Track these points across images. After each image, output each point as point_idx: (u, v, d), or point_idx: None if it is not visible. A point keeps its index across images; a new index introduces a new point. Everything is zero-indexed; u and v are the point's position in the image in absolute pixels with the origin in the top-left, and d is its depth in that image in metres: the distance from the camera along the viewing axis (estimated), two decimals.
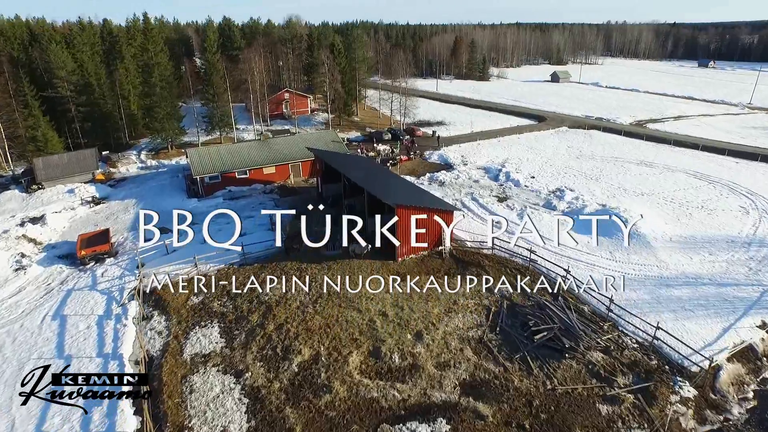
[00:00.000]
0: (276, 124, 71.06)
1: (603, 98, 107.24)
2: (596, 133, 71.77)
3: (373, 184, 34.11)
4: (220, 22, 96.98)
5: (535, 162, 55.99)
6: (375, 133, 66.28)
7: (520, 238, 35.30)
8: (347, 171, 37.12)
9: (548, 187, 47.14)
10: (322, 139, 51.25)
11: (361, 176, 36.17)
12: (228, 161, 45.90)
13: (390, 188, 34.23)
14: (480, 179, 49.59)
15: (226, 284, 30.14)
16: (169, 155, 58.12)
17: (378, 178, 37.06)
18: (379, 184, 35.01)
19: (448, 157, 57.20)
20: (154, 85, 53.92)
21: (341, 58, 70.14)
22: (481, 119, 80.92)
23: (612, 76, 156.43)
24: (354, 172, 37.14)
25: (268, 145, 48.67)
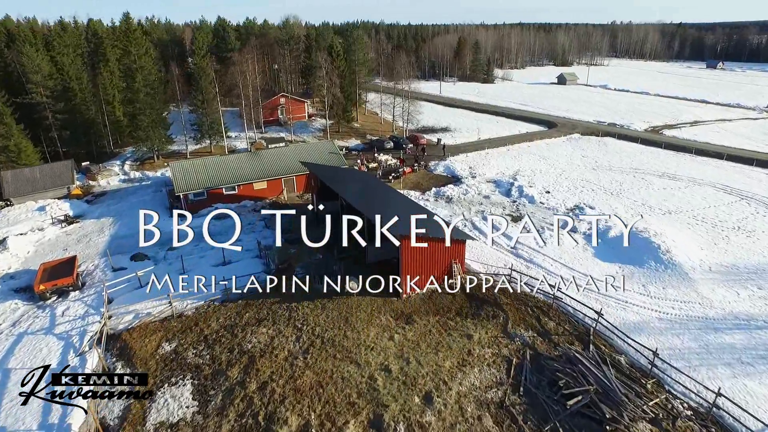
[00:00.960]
0: (271, 131, 66.98)
1: (613, 102, 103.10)
2: (611, 140, 67.63)
3: (374, 208, 30.00)
4: (215, 22, 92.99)
5: (548, 174, 51.87)
6: (376, 141, 62.18)
7: (536, 265, 31.41)
8: (344, 191, 33.08)
9: (566, 204, 43.08)
10: (318, 150, 47.18)
11: (360, 198, 32.10)
12: (215, 176, 41.84)
13: (392, 213, 30.10)
14: (491, 195, 45.47)
15: (204, 328, 26.06)
16: (154, 166, 54.09)
17: (379, 200, 32.95)
18: (380, 207, 30.89)
19: (455, 168, 53.08)
20: (137, 91, 49.88)
21: (340, 61, 66.05)
22: (488, 125, 76.78)
23: (619, 77, 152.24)
24: (352, 193, 33.08)
25: (259, 157, 44.60)
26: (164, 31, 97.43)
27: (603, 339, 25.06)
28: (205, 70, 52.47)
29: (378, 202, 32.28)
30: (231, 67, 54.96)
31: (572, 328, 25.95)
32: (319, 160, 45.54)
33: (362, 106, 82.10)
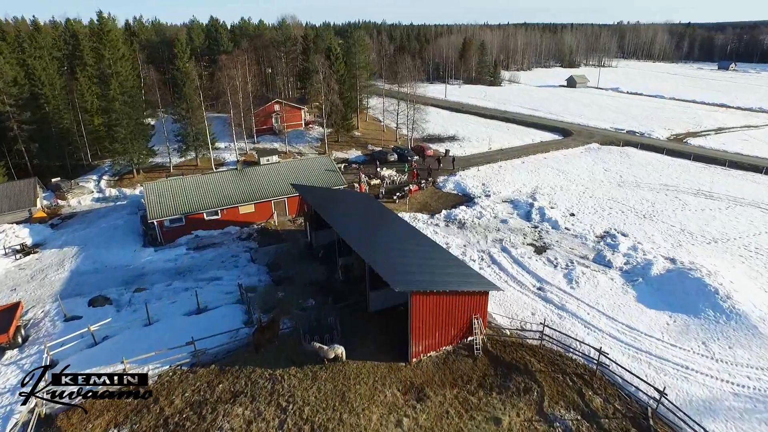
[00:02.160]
0: (264, 140, 61.75)
1: (627, 106, 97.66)
2: (633, 151, 62.24)
3: (375, 248, 24.74)
4: (207, 22, 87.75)
5: (570, 192, 46.56)
6: (378, 153, 56.89)
7: (569, 314, 26.11)
8: (339, 223, 27.84)
9: (594, 231, 37.78)
10: (313, 167, 41.95)
11: (359, 233, 26.83)
12: (194, 199, 36.66)
13: (399, 254, 24.84)
14: (508, 218, 40.17)
15: (166, 405, 20.83)
16: (134, 182, 48.94)
17: (381, 234, 27.68)
18: (383, 245, 25.65)
19: (466, 185, 47.78)
20: (112, 99, 44.70)
21: (339, 64, 60.77)
22: (498, 133, 71.44)
23: (630, 80, 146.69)
24: (348, 227, 27.82)
25: (245, 176, 39.39)
26: (153, 32, 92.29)
27: (666, 424, 19.80)
28: (189, 75, 47.27)
29: (380, 239, 27.02)
30: (217, 72, 49.54)
31: (624, 407, 20.68)
32: (314, 179, 40.35)
33: (364, 112, 76.87)
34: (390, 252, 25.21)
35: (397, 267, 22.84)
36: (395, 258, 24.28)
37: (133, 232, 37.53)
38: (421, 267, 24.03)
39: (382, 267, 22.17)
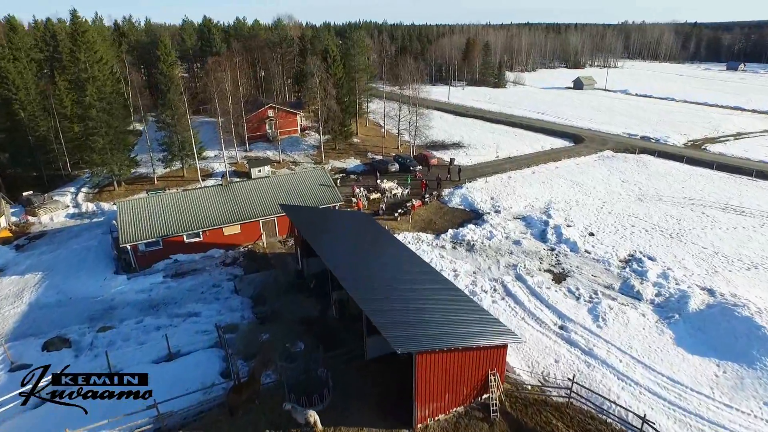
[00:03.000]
0: (257, 148, 58.00)
1: (638, 109, 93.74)
2: (649, 159, 58.37)
3: (372, 293, 20.92)
4: (200, 22, 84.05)
5: (587, 207, 42.76)
6: (378, 163, 53.09)
7: (599, 361, 22.25)
8: (330, 253, 24.09)
9: (618, 254, 33.97)
10: (306, 181, 38.19)
11: (352, 270, 23.00)
12: (173, 220, 32.93)
13: (399, 299, 21.02)
14: (521, 239, 36.35)
15: None
16: (114, 195, 45.25)
17: (378, 271, 23.86)
18: (381, 288, 21.82)
19: (474, 199, 43.97)
20: (89, 107, 40.99)
21: (337, 67, 56.97)
22: (505, 139, 67.60)
23: (638, 81, 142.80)
24: (340, 258, 24.03)
25: (231, 192, 35.64)
26: (143, 33, 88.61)
27: None
28: (173, 80, 43.51)
29: (378, 274, 23.24)
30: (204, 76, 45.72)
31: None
32: (307, 195, 36.61)
33: (363, 116, 73.07)
34: (390, 291, 21.43)
35: (397, 316, 19.05)
36: (396, 301, 20.51)
37: (106, 255, 33.81)
38: (427, 313, 20.26)
39: (380, 317, 18.40)
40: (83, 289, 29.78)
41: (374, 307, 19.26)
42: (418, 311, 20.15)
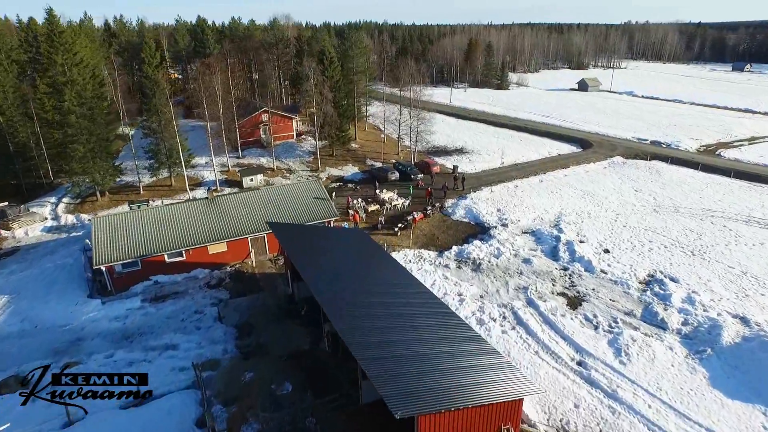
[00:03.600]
0: (249, 155, 55.27)
1: (646, 112, 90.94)
2: (662, 166, 55.62)
3: (368, 336, 18.19)
4: (195, 22, 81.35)
5: (600, 220, 40.05)
6: (377, 171, 50.39)
7: (624, 406, 19.50)
8: (320, 284, 21.39)
9: (637, 274, 31.26)
10: (299, 193, 35.48)
11: (344, 304, 20.24)
12: (154, 237, 30.25)
13: (398, 345, 18.28)
14: (532, 257, 33.63)
15: None
16: (96, 206, 42.62)
17: (374, 305, 21.09)
18: (378, 328, 19.08)
19: (479, 211, 41.26)
20: (67, 112, 38.33)
21: (334, 69, 54.24)
22: (510, 144, 64.88)
23: (643, 82, 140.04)
24: (331, 289, 21.28)
25: (217, 207, 32.94)
26: (135, 33, 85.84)
27: None
28: (159, 84, 40.81)
29: (374, 310, 20.47)
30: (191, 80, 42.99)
31: None
32: (299, 209, 33.93)
33: (363, 120, 70.38)
34: (387, 332, 18.71)
35: (395, 366, 16.38)
36: (394, 345, 17.80)
37: (80, 276, 31.13)
38: (431, 359, 17.55)
39: (376, 369, 15.77)
40: (51, 315, 27.12)
41: (369, 355, 16.60)
42: (420, 358, 17.44)
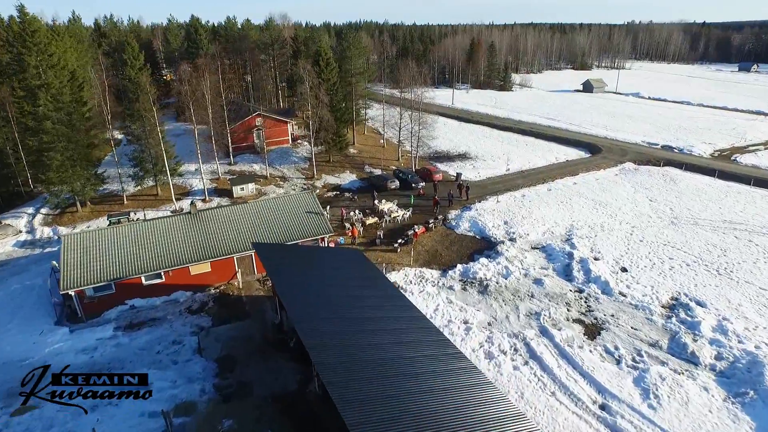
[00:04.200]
0: (242, 161, 52.55)
1: (655, 115, 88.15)
2: (676, 173, 52.86)
3: (356, 392, 15.43)
4: (188, 21, 78.64)
5: (615, 234, 37.31)
6: (376, 179, 47.70)
7: None
8: (306, 319, 18.64)
9: (659, 297, 28.52)
10: (290, 207, 32.73)
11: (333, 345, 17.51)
12: (130, 257, 27.55)
13: (394, 401, 15.52)
14: (543, 276, 30.88)
15: None
16: (77, 217, 40.00)
17: (367, 346, 18.32)
18: (374, 377, 16.34)
19: (485, 224, 38.52)
20: (43, 118, 35.67)
21: (330, 71, 51.52)
22: (516, 149, 62.14)
23: (649, 83, 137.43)
24: (319, 325, 18.52)
25: (201, 223, 30.23)
26: (126, 33, 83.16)
27: None
28: (142, 87, 38.12)
29: (366, 353, 17.72)
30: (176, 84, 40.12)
31: None
32: (291, 225, 31.21)
33: (362, 123, 67.69)
34: (380, 382, 15.97)
35: (390, 428, 13.63)
36: (389, 401, 15.06)
37: (47, 301, 28.39)
38: (434, 419, 14.80)
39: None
40: (11, 347, 24.43)
41: (358, 417, 13.85)
42: (421, 418, 14.68)
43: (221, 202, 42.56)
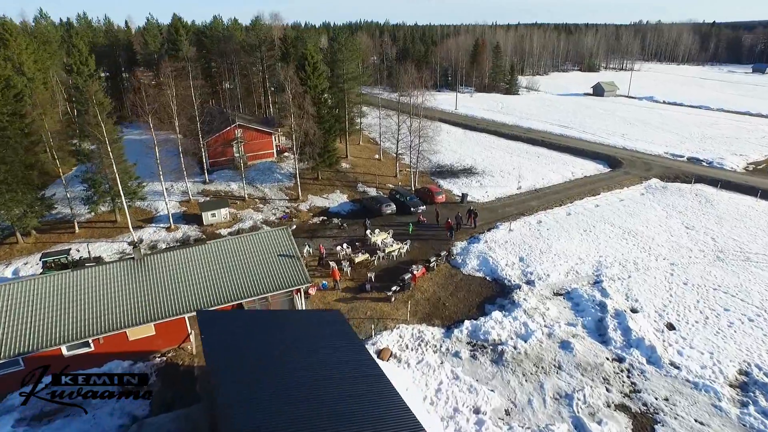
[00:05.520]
0: (218, 178, 46.53)
1: (673, 121, 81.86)
2: (711, 192, 46.66)
3: None
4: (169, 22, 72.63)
5: (652, 273, 31.18)
6: (370, 201, 41.65)
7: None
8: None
9: (723, 370, 22.44)
10: (259, 249, 26.62)
11: None
12: (45, 323, 21.58)
13: None
14: (571, 338, 24.78)
15: None
16: (16, 250, 34.09)
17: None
18: None
19: (496, 261, 32.41)
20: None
21: (318, 78, 45.36)
22: (527, 162, 56.03)
23: (662, 85, 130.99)
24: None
25: (145, 271, 24.22)
26: (102, 34, 77.12)
27: None
28: (92, 98, 32.02)
29: None
30: (131, 94, 33.92)
31: None
32: (258, 273, 25.14)
33: (356, 132, 61.64)
34: None
35: None
36: None
37: None
38: None
39: None
40: None
41: None
42: None
43: (188, 231, 36.58)
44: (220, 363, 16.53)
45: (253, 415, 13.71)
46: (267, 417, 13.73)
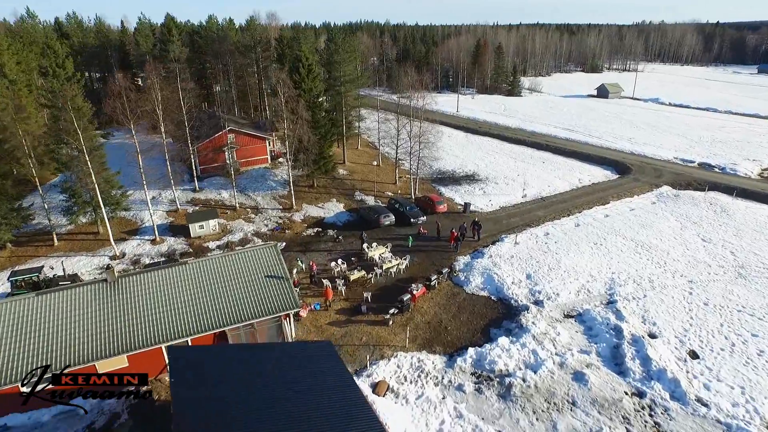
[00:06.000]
0: (209, 186, 44.42)
1: (681, 124, 79.66)
2: (726, 200, 44.45)
3: None
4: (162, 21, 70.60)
5: (669, 292, 29.02)
6: (367, 212, 39.48)
7: None
8: None
9: (758, 409, 20.24)
10: (245, 269, 24.46)
11: None
12: (5, 354, 19.41)
13: None
14: (585, 368, 22.60)
15: None
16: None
17: None
18: None
19: (502, 278, 30.23)
20: None
21: (312, 81, 43.25)
22: (532, 169, 53.84)
23: (667, 87, 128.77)
24: None
25: (118, 296, 22.07)
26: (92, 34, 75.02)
27: None
28: (68, 102, 29.81)
29: None
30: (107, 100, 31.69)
31: None
32: (243, 296, 23.00)
33: (355, 136, 59.50)
34: None
35: None
36: None
37: None
38: None
39: None
40: None
41: None
42: None
43: (174, 244, 34.45)
44: (187, 409, 14.45)
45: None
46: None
